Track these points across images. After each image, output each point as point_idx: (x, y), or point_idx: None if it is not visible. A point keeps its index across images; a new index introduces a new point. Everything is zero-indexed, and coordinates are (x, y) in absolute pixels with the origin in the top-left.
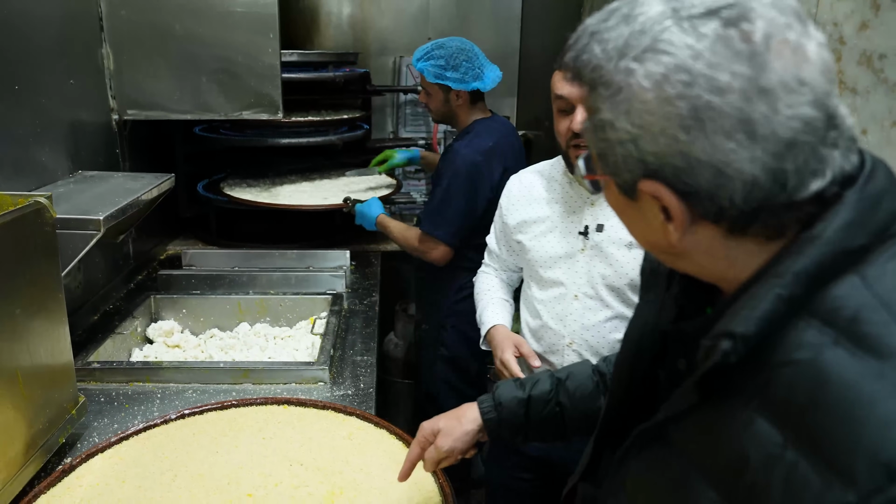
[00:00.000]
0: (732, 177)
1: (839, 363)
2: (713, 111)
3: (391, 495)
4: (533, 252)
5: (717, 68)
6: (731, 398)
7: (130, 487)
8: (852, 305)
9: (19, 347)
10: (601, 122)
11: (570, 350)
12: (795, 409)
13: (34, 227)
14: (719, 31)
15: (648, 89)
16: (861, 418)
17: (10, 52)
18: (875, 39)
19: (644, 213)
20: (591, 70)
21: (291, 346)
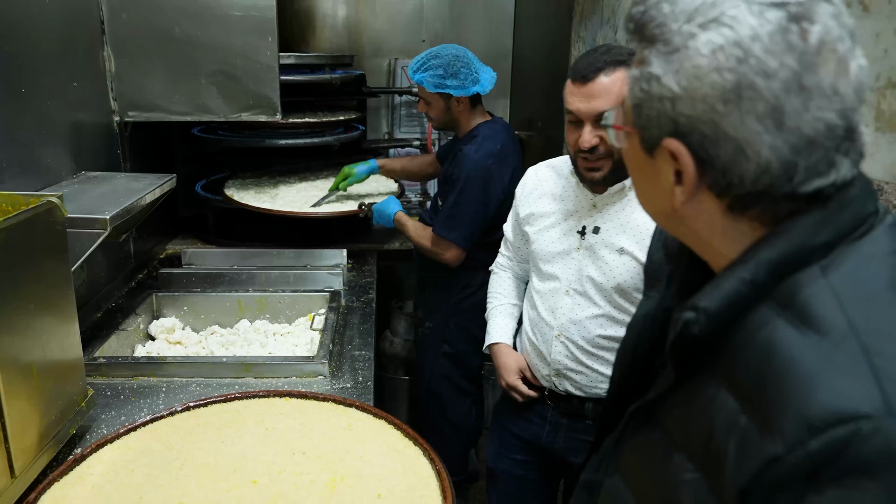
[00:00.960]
0: (750, 157)
1: (787, 339)
2: (754, 91)
3: (390, 482)
4: (536, 244)
5: (770, 54)
6: (703, 376)
7: (140, 476)
8: (808, 292)
9: (33, 342)
10: (649, 74)
11: (557, 341)
12: (748, 380)
13: (46, 225)
14: (782, 22)
15: (704, 55)
16: (793, 383)
17: (17, 57)
18: None
19: (657, 172)
20: (656, 25)
21: (291, 343)
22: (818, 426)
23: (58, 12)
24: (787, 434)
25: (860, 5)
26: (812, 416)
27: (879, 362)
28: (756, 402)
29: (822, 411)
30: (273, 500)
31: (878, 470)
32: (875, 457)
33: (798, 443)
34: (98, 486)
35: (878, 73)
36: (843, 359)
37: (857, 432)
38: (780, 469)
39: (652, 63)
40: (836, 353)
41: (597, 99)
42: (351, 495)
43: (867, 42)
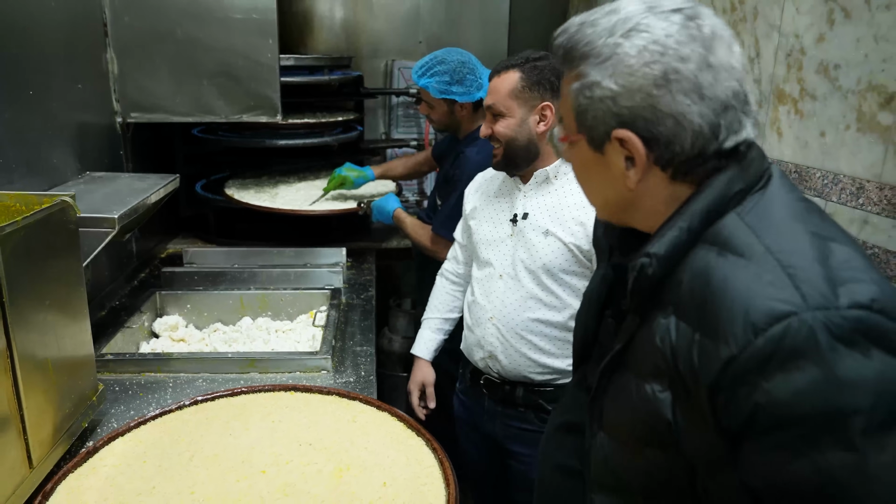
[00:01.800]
0: (685, 126)
1: (719, 265)
2: (677, 74)
3: (394, 471)
4: (476, 235)
5: (682, 44)
6: (658, 313)
7: (151, 467)
8: (730, 230)
9: (49, 339)
10: (590, 83)
11: (490, 324)
12: (695, 304)
13: (60, 224)
14: (683, 22)
15: (633, 56)
16: (733, 298)
17: (25, 60)
18: (831, 51)
19: (608, 165)
20: (585, 45)
21: (293, 339)
22: (760, 327)
23: (63, 15)
24: (737, 337)
25: (842, 12)
26: (754, 320)
27: (793, 272)
28: (704, 320)
29: (761, 315)
30: (282, 489)
31: (808, 351)
32: (804, 342)
33: (747, 343)
34: (111, 477)
35: (858, 76)
36: (767, 274)
37: (789, 326)
38: (736, 366)
39: (589, 74)
40: (760, 270)
41: (492, 93)
42: (357, 484)
43: (848, 47)
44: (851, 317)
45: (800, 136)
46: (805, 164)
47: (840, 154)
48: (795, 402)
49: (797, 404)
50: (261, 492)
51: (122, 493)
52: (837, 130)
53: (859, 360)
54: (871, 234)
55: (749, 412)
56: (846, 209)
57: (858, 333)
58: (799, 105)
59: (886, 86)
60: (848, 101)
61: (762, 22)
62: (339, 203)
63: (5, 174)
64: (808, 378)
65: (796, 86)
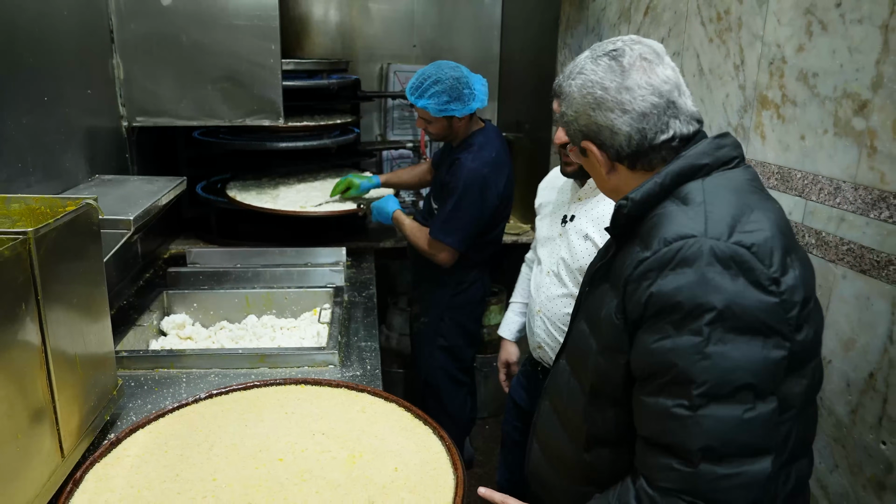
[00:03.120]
0: (618, 133)
1: (669, 208)
2: (603, 99)
3: (404, 457)
4: (538, 230)
5: (603, 78)
6: (629, 242)
7: (173, 456)
8: (689, 189)
9: (76, 336)
10: (562, 112)
11: (538, 317)
12: (644, 236)
13: (85, 226)
14: (607, 61)
15: (575, 91)
16: (664, 224)
17: (41, 68)
18: (810, 60)
19: (592, 165)
20: (557, 86)
21: (298, 336)
22: (669, 240)
23: (74, 24)
24: (652, 246)
25: (819, 24)
26: (666, 236)
27: (709, 216)
28: (642, 243)
29: (672, 233)
30: (299, 475)
31: (693, 261)
32: (693, 255)
33: (657, 250)
34: (136, 466)
35: (834, 84)
36: (692, 214)
37: (686, 242)
38: (644, 265)
39: (561, 105)
40: (690, 212)
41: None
42: (370, 469)
43: (825, 57)
44: (731, 248)
45: (782, 139)
46: (787, 166)
47: (818, 156)
48: (674, 294)
49: (675, 295)
50: (279, 478)
51: (148, 479)
52: (816, 134)
53: (726, 277)
54: (848, 231)
55: (645, 300)
56: (825, 207)
57: (732, 261)
58: (781, 110)
59: (860, 93)
60: (825, 108)
61: (746, 32)
62: (338, 205)
63: (24, 178)
64: (687, 279)
65: (778, 92)
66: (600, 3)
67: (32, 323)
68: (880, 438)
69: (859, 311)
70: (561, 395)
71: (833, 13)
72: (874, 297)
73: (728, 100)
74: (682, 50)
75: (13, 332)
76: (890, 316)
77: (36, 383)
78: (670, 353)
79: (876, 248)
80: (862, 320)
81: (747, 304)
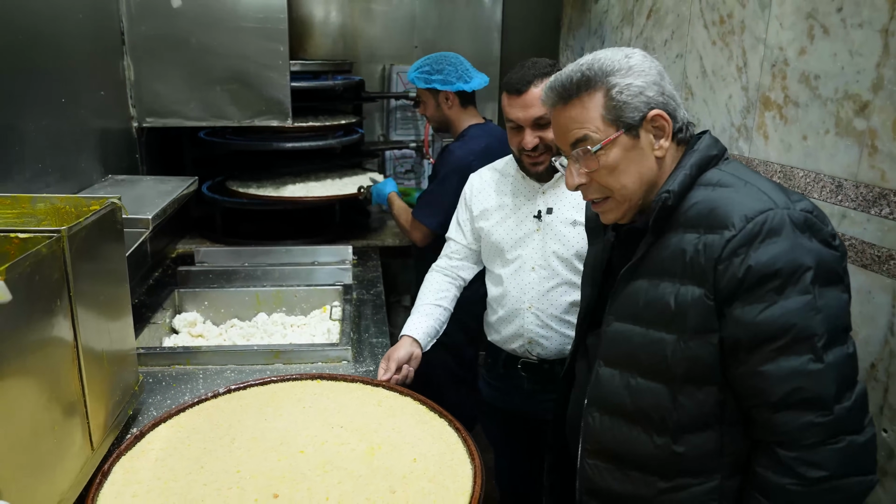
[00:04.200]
0: (677, 102)
1: (716, 194)
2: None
3: (422, 448)
4: (495, 235)
5: (648, 59)
6: (669, 232)
7: (196, 449)
8: (718, 176)
9: (103, 332)
10: (625, 86)
11: (528, 313)
12: (702, 220)
13: (110, 224)
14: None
15: (641, 64)
16: (731, 205)
17: (59, 71)
18: (811, 63)
19: (642, 145)
20: (606, 67)
21: (308, 333)
22: (751, 216)
23: (88, 27)
24: (735, 225)
25: (821, 28)
26: (746, 213)
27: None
28: (708, 225)
29: (750, 211)
30: (321, 466)
31: (780, 230)
32: (778, 225)
33: (742, 227)
34: (160, 459)
35: (836, 86)
36: (751, 193)
37: (768, 215)
38: (733, 243)
39: (619, 82)
40: (746, 192)
41: (531, 107)
42: (389, 460)
43: (827, 60)
44: (801, 214)
45: (784, 139)
46: (789, 165)
47: (820, 156)
48: (773, 262)
49: (774, 263)
50: (302, 469)
51: (174, 472)
52: (818, 134)
53: (805, 239)
54: (849, 227)
55: (742, 274)
56: (826, 205)
57: (805, 224)
58: (783, 111)
59: (860, 95)
60: (827, 108)
61: (749, 35)
62: (339, 190)
63: (43, 178)
64: (780, 246)
65: (781, 93)
66: (602, 6)
67: (66, 319)
68: (881, 426)
69: (861, 304)
70: (620, 399)
71: (834, 17)
72: (875, 290)
73: (731, 101)
74: (686, 52)
75: (50, 328)
76: (890, 308)
77: (70, 377)
78: (783, 316)
79: (877, 243)
80: (863, 313)
81: (827, 259)
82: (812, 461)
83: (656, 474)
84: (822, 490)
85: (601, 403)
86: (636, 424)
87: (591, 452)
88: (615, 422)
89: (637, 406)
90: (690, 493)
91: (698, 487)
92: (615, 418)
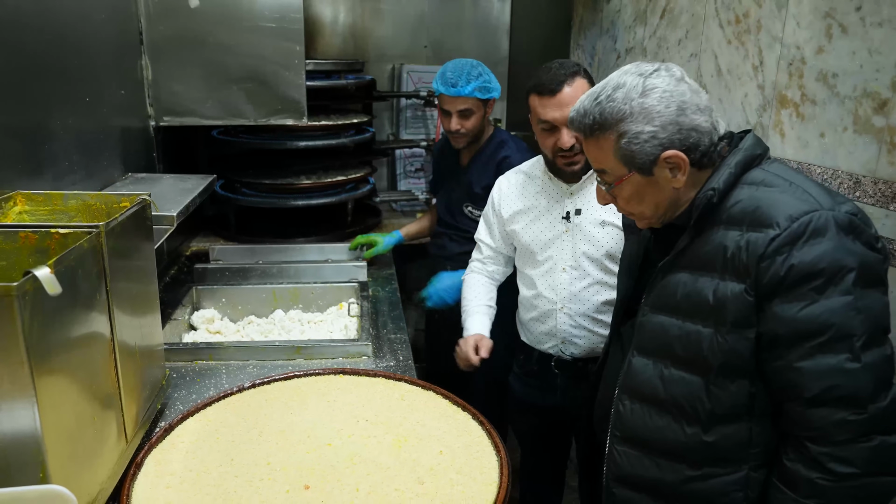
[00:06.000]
0: (701, 131)
1: (761, 193)
2: (685, 104)
3: (447, 440)
4: (526, 237)
5: (674, 86)
6: (710, 228)
7: (224, 442)
8: (761, 175)
9: (135, 326)
10: (635, 133)
11: (561, 313)
12: (747, 217)
13: (141, 221)
14: (666, 74)
15: (656, 105)
16: (776, 205)
17: (83, 72)
18: (829, 61)
19: (657, 182)
20: (616, 112)
21: (325, 329)
22: (796, 217)
23: (110, 28)
24: (780, 224)
25: (840, 27)
26: (792, 213)
27: (811, 193)
28: (752, 223)
29: (796, 211)
30: (349, 458)
31: (825, 231)
32: (823, 225)
33: (787, 226)
34: (191, 451)
35: (854, 84)
36: (796, 193)
37: (813, 216)
38: (778, 240)
39: (630, 130)
40: (791, 192)
41: (567, 106)
42: (416, 452)
43: (845, 58)
44: (846, 217)
45: (801, 136)
46: (806, 162)
47: (838, 153)
48: (817, 262)
49: (817, 263)
50: (331, 461)
51: (205, 464)
52: (836, 132)
53: (849, 241)
54: None
55: (784, 272)
56: None
57: (850, 226)
58: (800, 109)
59: (879, 93)
60: (845, 106)
61: (765, 34)
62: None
63: (69, 176)
64: (825, 247)
65: (797, 92)
66: (615, 5)
67: (104, 313)
68: None
69: None
70: (652, 389)
71: (853, 16)
72: (892, 284)
73: (747, 99)
74: (700, 51)
75: (91, 321)
76: None
77: (107, 371)
78: (822, 315)
79: (895, 238)
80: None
81: (870, 262)
82: (842, 457)
83: (685, 462)
84: (850, 486)
85: (633, 392)
86: (667, 413)
87: (621, 440)
88: (646, 410)
89: (669, 395)
90: (718, 482)
91: (726, 477)
92: (646, 407)
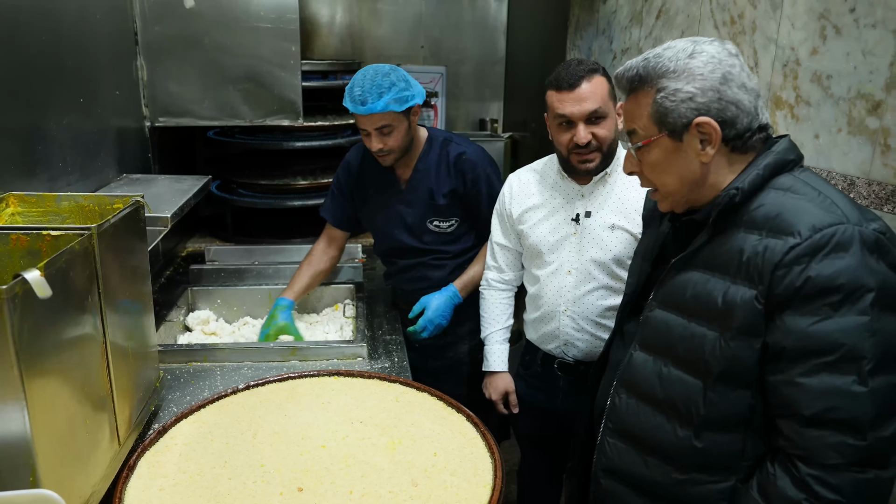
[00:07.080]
0: (742, 109)
1: (787, 199)
2: (731, 75)
3: (442, 442)
4: (533, 237)
5: (726, 58)
6: (730, 229)
7: (219, 444)
8: (791, 182)
9: (128, 329)
10: (673, 90)
11: (564, 316)
12: (764, 221)
13: (135, 222)
14: (720, 45)
15: (700, 67)
16: (801, 212)
17: (79, 72)
18: (824, 62)
19: (686, 150)
20: (661, 67)
21: (321, 330)
22: (819, 227)
23: (106, 28)
24: (802, 233)
25: (834, 29)
26: (816, 223)
27: (839, 206)
28: (772, 229)
29: (820, 221)
30: (344, 460)
31: (849, 246)
32: (848, 240)
33: (809, 236)
34: (184, 453)
35: (849, 85)
36: (823, 204)
37: (838, 229)
38: (797, 250)
39: (668, 86)
40: (819, 202)
41: (586, 101)
42: (410, 454)
43: (840, 60)
44: (873, 234)
45: (796, 137)
46: None
47: (833, 154)
48: (835, 277)
49: (836, 278)
50: (325, 463)
51: (199, 466)
52: (830, 133)
53: (873, 261)
54: None
55: (800, 283)
56: None
57: (876, 245)
58: (795, 110)
59: (873, 94)
60: (839, 108)
61: (760, 35)
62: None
63: (64, 177)
64: (846, 262)
65: (792, 93)
66: (611, 6)
67: (96, 315)
68: None
69: None
70: (650, 386)
71: (847, 18)
72: None
73: None
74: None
75: (82, 323)
76: None
77: (99, 373)
78: (834, 333)
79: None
80: None
81: (892, 284)
82: (830, 483)
83: (673, 464)
84: None
85: (631, 386)
86: (662, 412)
87: (613, 432)
88: (641, 406)
89: (666, 394)
90: (704, 489)
91: (712, 486)
92: (642, 403)
